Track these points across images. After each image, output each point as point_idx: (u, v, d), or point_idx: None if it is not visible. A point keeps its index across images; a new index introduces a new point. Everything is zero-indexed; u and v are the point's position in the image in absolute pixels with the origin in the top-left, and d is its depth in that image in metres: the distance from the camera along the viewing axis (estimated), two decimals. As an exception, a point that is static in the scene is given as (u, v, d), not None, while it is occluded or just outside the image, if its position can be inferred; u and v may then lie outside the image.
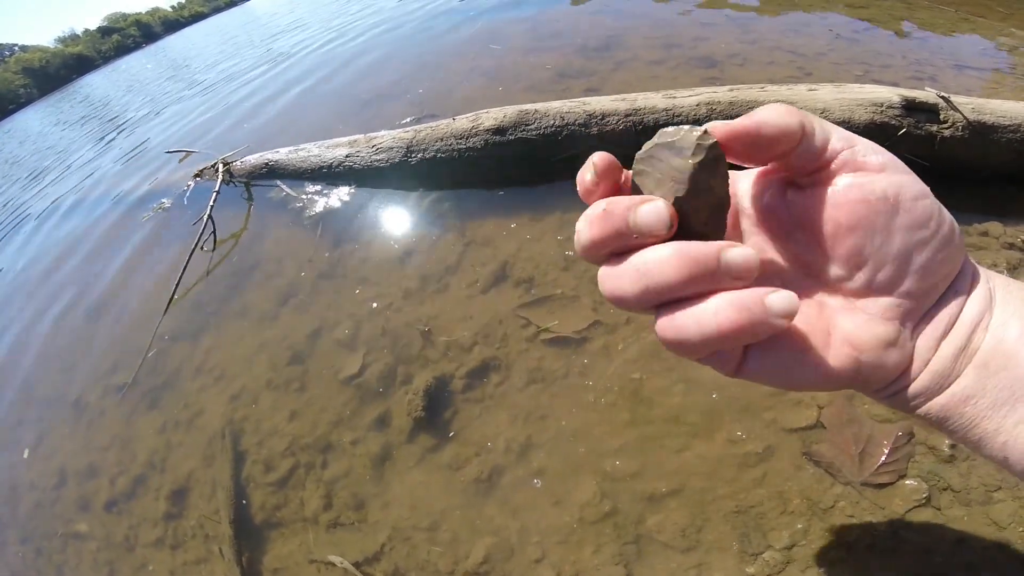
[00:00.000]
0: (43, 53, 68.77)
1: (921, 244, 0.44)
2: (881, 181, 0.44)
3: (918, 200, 0.44)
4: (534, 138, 2.11)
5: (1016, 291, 0.47)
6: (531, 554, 1.21)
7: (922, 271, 0.45)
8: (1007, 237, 1.51)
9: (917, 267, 0.45)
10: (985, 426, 0.44)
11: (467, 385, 1.57)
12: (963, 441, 0.46)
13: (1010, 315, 0.45)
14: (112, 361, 2.27)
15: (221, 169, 3.10)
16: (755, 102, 1.83)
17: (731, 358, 0.46)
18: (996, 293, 0.47)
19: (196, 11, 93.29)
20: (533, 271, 1.80)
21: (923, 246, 0.44)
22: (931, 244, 0.44)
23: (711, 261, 0.39)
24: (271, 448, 1.65)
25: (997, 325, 0.45)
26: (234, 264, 2.50)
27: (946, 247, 0.45)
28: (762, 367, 0.46)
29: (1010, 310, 0.45)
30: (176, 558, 1.54)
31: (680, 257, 0.40)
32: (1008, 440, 0.43)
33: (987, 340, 0.44)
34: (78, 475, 1.89)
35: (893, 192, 0.44)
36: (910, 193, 0.44)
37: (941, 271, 0.45)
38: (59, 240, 3.85)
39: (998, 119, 1.65)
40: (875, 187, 0.44)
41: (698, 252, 0.40)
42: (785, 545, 1.07)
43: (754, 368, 0.47)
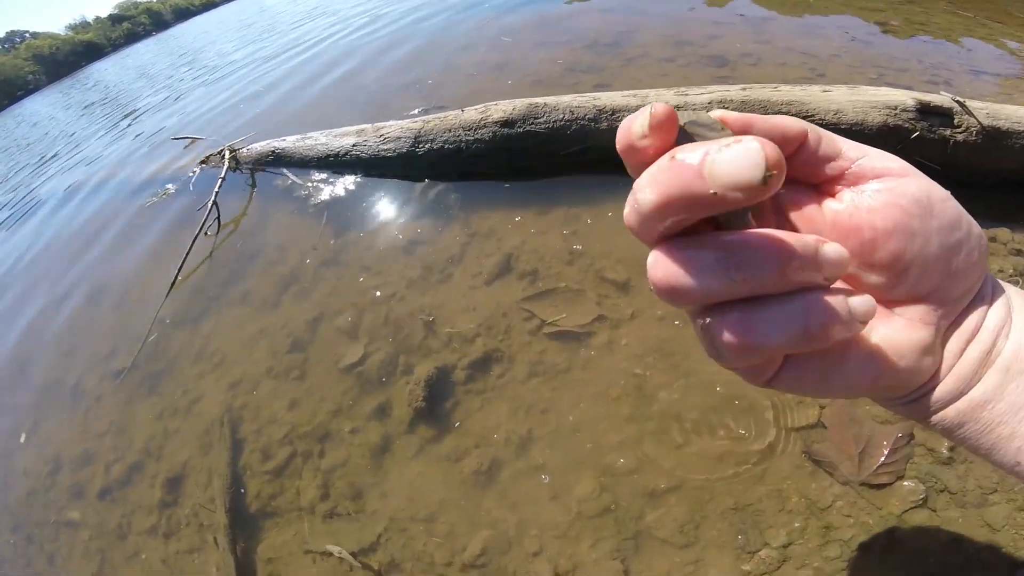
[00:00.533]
0: (53, 40, 69.00)
1: (957, 246, 0.43)
2: (910, 184, 0.42)
3: (947, 201, 0.42)
4: (543, 131, 2.10)
5: (1013, 293, 0.47)
6: (529, 547, 1.20)
7: (959, 274, 0.44)
8: (1015, 243, 1.50)
9: (954, 270, 0.43)
10: (1000, 431, 0.43)
11: (469, 376, 1.56)
12: (975, 447, 0.46)
13: (1018, 308, 0.45)
14: (111, 345, 2.27)
15: (227, 156, 3.09)
16: (768, 101, 1.81)
17: (772, 366, 0.44)
18: (1013, 301, 0.46)
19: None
20: (537, 264, 1.79)
21: (959, 248, 0.43)
22: (965, 246, 0.43)
23: (811, 252, 0.35)
24: (269, 436, 1.64)
25: (1018, 330, 0.44)
26: (237, 250, 2.50)
27: (978, 249, 0.43)
28: (800, 376, 0.45)
29: (1004, 303, 0.45)
30: (169, 547, 1.53)
31: (779, 244, 0.35)
32: (1023, 445, 0.42)
33: (1008, 346, 0.44)
34: (73, 462, 1.89)
35: (924, 194, 0.42)
36: (939, 195, 0.42)
37: (974, 274, 0.44)
38: (63, 224, 3.86)
39: (1013, 125, 1.64)
40: (906, 190, 0.42)
41: (799, 241, 0.35)
42: (782, 543, 1.06)
43: (791, 376, 0.45)
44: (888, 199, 0.42)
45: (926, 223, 0.42)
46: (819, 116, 1.76)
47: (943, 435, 0.47)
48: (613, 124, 2.00)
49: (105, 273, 2.84)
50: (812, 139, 0.43)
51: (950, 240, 0.42)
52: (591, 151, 2.08)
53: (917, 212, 0.42)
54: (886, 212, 0.42)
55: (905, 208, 0.42)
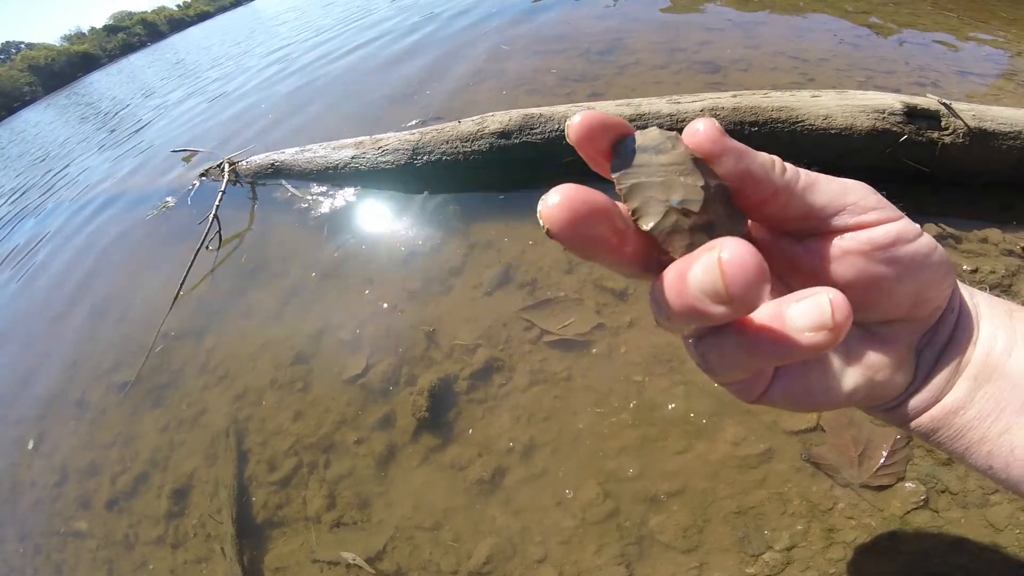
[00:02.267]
0: (49, 51, 68.85)
1: (927, 282, 0.45)
2: (880, 231, 0.43)
3: (916, 239, 0.44)
4: (539, 142, 2.12)
5: (998, 305, 0.49)
6: (534, 554, 1.22)
7: (929, 301, 0.46)
8: (1006, 244, 1.51)
9: (925, 298, 0.46)
10: (971, 436, 0.46)
11: (471, 386, 1.57)
12: (950, 451, 0.49)
13: (996, 327, 0.47)
14: (115, 359, 2.28)
15: (227, 169, 3.11)
16: (758, 108, 1.83)
17: (762, 382, 0.47)
18: (980, 308, 0.48)
19: (202, 10, 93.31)
20: (537, 274, 1.81)
21: (928, 283, 0.45)
22: (935, 276, 0.45)
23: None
24: (274, 447, 1.66)
25: (984, 339, 0.47)
26: (239, 263, 2.51)
27: (946, 274, 0.45)
28: (786, 392, 0.48)
29: (996, 322, 0.47)
30: (177, 557, 1.55)
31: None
32: (992, 449, 0.45)
33: (976, 354, 0.46)
34: (79, 473, 1.90)
35: (892, 239, 0.43)
36: (909, 234, 0.44)
37: (943, 296, 0.46)
38: (63, 238, 3.86)
39: (999, 126, 1.66)
40: (878, 240, 0.43)
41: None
42: (785, 546, 1.08)
43: (779, 393, 0.48)
44: (861, 247, 0.43)
45: (897, 268, 0.44)
46: (809, 121, 1.78)
47: (921, 440, 0.50)
48: (608, 133, 2.02)
49: (107, 287, 2.86)
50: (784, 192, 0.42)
51: (920, 278, 0.44)
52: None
53: (888, 257, 0.43)
54: (854, 261, 0.44)
55: (876, 256, 0.43)
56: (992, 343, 0.46)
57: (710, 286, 0.31)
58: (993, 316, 0.48)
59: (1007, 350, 0.45)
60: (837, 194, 0.43)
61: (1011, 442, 0.44)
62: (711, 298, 0.32)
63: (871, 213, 0.43)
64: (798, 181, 0.42)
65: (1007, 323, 0.47)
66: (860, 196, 0.43)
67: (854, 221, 0.43)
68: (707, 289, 0.32)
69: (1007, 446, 0.44)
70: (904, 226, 0.43)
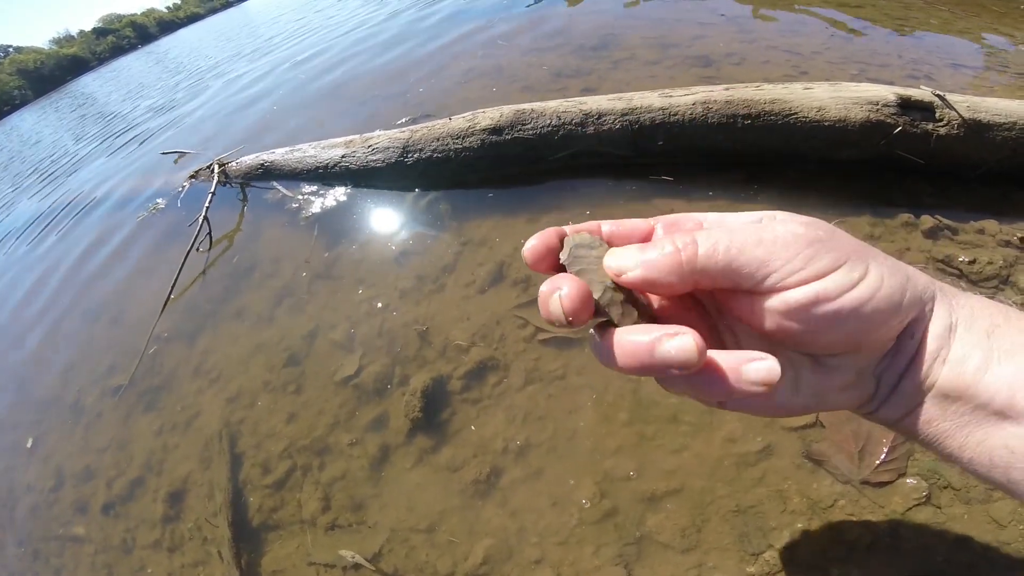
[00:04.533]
0: (38, 54, 68.68)
1: (859, 328, 0.48)
2: (797, 294, 0.47)
3: (842, 295, 0.47)
4: (531, 138, 2.11)
5: (979, 321, 0.50)
6: (530, 555, 1.21)
7: (871, 341, 0.50)
8: (1003, 235, 1.51)
9: (863, 341, 0.50)
10: (950, 444, 0.49)
11: (465, 386, 1.56)
12: (936, 453, 0.52)
13: (971, 347, 0.48)
14: (109, 362, 2.27)
15: (217, 170, 3.09)
16: (751, 101, 1.83)
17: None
18: (958, 326, 0.49)
19: (192, 12, 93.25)
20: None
21: (861, 328, 0.48)
22: (869, 324, 0.48)
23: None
24: (268, 450, 1.65)
25: (956, 359, 0.48)
26: (230, 265, 2.50)
27: (887, 318, 0.48)
28: (742, 404, 0.54)
29: (972, 341, 0.48)
30: (174, 560, 1.54)
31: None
32: (973, 457, 0.48)
33: (945, 372, 0.48)
34: (75, 477, 1.89)
35: (809, 300, 0.47)
36: (831, 293, 0.47)
37: (887, 335, 0.50)
38: (53, 241, 3.85)
39: (993, 117, 1.65)
40: (793, 299, 0.48)
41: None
42: (785, 544, 1.07)
43: (734, 405, 0.54)
44: (776, 311, 0.49)
45: (813, 326, 0.49)
46: (803, 113, 1.77)
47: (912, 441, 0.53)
48: (600, 128, 2.01)
49: (98, 290, 2.84)
50: (704, 275, 0.49)
51: (845, 328, 0.49)
52: (579, 156, 2.09)
53: (802, 321, 0.49)
54: (776, 321, 0.49)
55: (792, 318, 0.49)
56: (963, 365, 0.47)
57: (677, 361, 0.45)
58: (970, 334, 0.49)
59: (981, 368, 0.46)
60: (761, 262, 0.47)
61: (990, 451, 0.46)
62: (676, 368, 0.45)
63: (793, 276, 0.47)
64: (716, 261, 0.48)
65: (984, 342, 0.48)
66: (784, 260, 0.47)
67: (777, 284, 0.47)
68: (674, 363, 0.45)
69: (986, 454, 0.47)
70: (826, 285, 0.47)
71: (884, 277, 0.48)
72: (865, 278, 0.47)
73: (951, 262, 1.45)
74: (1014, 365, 0.45)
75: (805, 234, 0.48)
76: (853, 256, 0.48)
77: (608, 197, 1.98)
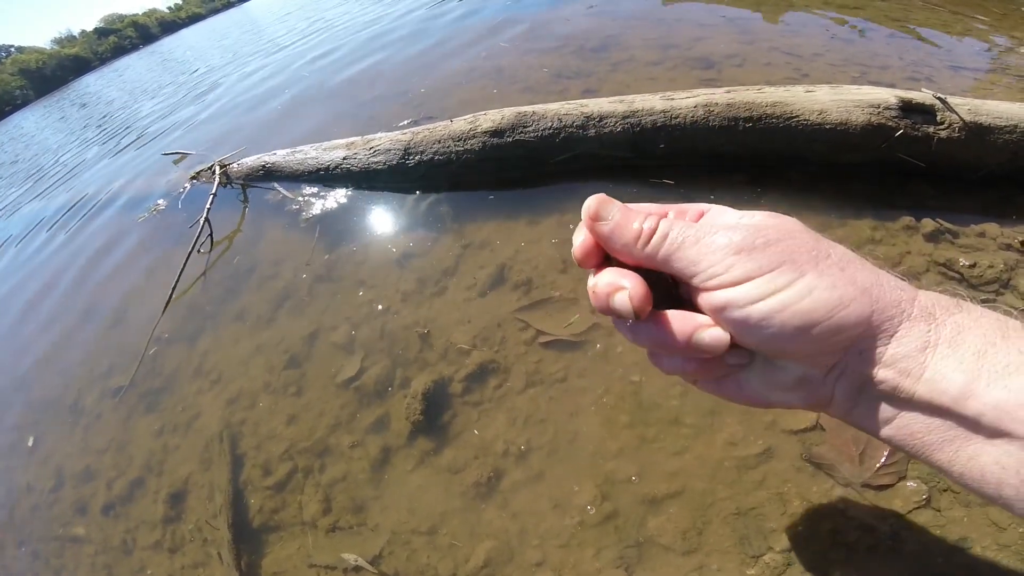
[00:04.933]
0: (40, 55, 68.68)
1: (773, 338, 0.53)
2: (715, 296, 0.54)
3: (750, 305, 0.52)
4: (532, 140, 2.11)
5: (971, 338, 0.50)
6: (532, 558, 1.21)
7: (796, 352, 0.54)
8: (1004, 238, 1.51)
9: (785, 350, 0.55)
10: (939, 456, 0.50)
11: (466, 388, 1.56)
12: (925, 464, 0.53)
13: (953, 367, 0.48)
14: (109, 364, 2.27)
15: (218, 171, 3.09)
16: (753, 103, 1.83)
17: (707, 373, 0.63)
18: (940, 344, 0.49)
19: (193, 12, 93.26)
20: (531, 273, 1.80)
21: (775, 338, 0.53)
22: (780, 337, 0.53)
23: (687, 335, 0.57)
24: (269, 451, 1.65)
25: (932, 378, 0.49)
26: (231, 266, 2.50)
27: (797, 334, 0.52)
28: (710, 386, 0.65)
29: (955, 361, 0.48)
30: (175, 562, 1.54)
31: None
32: (964, 471, 0.49)
33: (921, 390, 0.49)
34: (75, 478, 1.89)
35: (720, 304, 0.54)
36: (740, 301, 0.53)
37: (815, 351, 0.53)
38: (55, 242, 3.85)
39: (994, 120, 1.65)
40: (710, 300, 0.55)
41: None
42: (786, 547, 1.07)
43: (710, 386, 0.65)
44: (704, 306, 0.56)
45: (731, 327, 0.55)
46: (804, 116, 1.77)
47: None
48: (601, 131, 2.01)
49: (99, 291, 2.84)
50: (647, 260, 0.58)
51: (759, 336, 0.54)
52: (580, 158, 2.09)
53: (722, 321, 0.56)
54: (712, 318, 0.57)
55: (715, 316, 0.56)
56: (942, 384, 0.48)
57: (620, 311, 0.57)
58: (954, 353, 0.49)
59: (966, 390, 0.46)
60: (690, 262, 0.55)
61: (981, 467, 0.47)
62: (622, 318, 0.58)
63: (713, 280, 0.54)
64: (658, 253, 0.57)
65: (972, 363, 0.47)
66: (709, 263, 0.54)
67: (701, 284, 0.55)
68: (618, 313, 0.57)
69: (977, 470, 0.48)
70: (737, 293, 0.53)
71: (815, 290, 0.50)
72: (784, 289, 0.51)
73: (952, 266, 1.45)
74: (1003, 387, 0.45)
75: (740, 241, 0.53)
76: (787, 265, 0.51)
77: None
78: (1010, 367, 0.46)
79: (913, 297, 0.51)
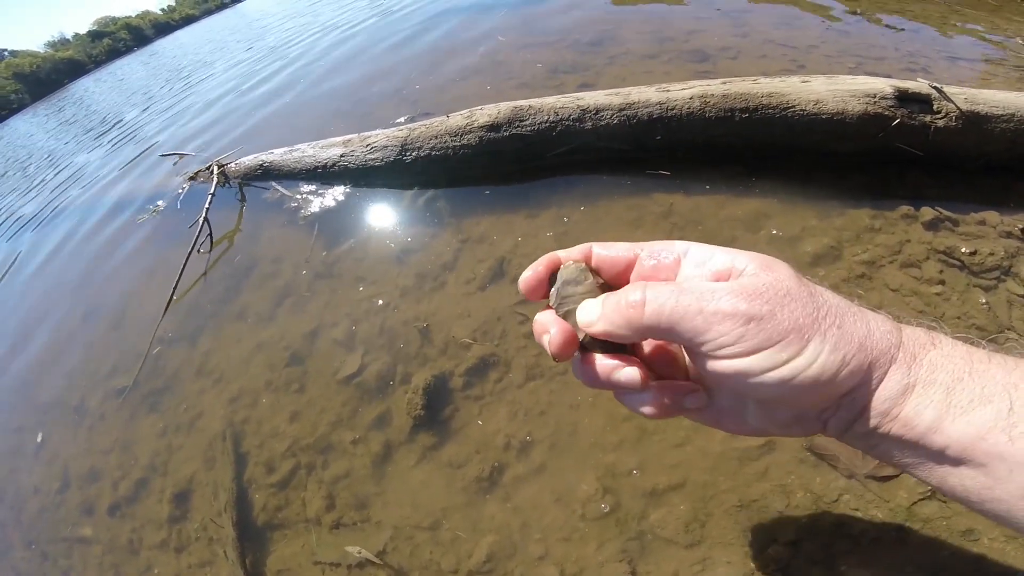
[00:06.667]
0: (34, 58, 68.41)
1: (778, 399, 0.58)
2: (721, 365, 0.56)
3: (762, 375, 0.54)
4: (529, 134, 2.11)
5: (942, 375, 0.53)
6: (534, 551, 1.21)
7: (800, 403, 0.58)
8: (1004, 226, 1.51)
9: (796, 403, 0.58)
10: (917, 472, 0.55)
11: (466, 383, 1.57)
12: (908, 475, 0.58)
13: (925, 405, 0.52)
14: (112, 365, 2.27)
15: (216, 171, 3.09)
16: (748, 94, 1.83)
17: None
18: (916, 385, 0.53)
19: (187, 13, 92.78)
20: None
21: (780, 400, 0.58)
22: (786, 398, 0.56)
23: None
24: (272, 449, 1.65)
25: (907, 416, 0.52)
26: (231, 265, 2.50)
27: (819, 387, 0.54)
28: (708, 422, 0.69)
29: (927, 400, 0.52)
30: (181, 561, 1.54)
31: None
32: (939, 486, 0.53)
33: (895, 429, 0.53)
34: (81, 479, 1.90)
35: (732, 372, 0.56)
36: (754, 371, 0.55)
37: (819, 399, 0.56)
38: (55, 245, 3.84)
39: (991, 109, 1.65)
40: (716, 368, 0.57)
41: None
42: (790, 539, 1.07)
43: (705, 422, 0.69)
44: (711, 373, 0.58)
45: (737, 391, 0.61)
46: (800, 107, 1.77)
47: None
48: (597, 124, 2.01)
49: (101, 293, 2.84)
50: (651, 332, 0.59)
51: (763, 398, 0.59)
52: (578, 151, 2.09)
53: (727, 390, 0.64)
54: (714, 380, 0.62)
55: (723, 386, 0.64)
56: (915, 421, 0.52)
57: (626, 384, 0.62)
58: (927, 392, 0.52)
59: (933, 426, 0.51)
60: (697, 331, 0.55)
61: (951, 487, 0.52)
62: (626, 388, 0.63)
63: (723, 350, 0.55)
64: (659, 324, 0.57)
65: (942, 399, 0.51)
66: (718, 334, 0.55)
67: (709, 352, 0.56)
68: (624, 385, 0.62)
69: (947, 488, 0.53)
70: (750, 364, 0.55)
71: (821, 355, 0.53)
72: (794, 359, 0.53)
73: (952, 253, 1.46)
74: (966, 422, 0.49)
75: (746, 311, 0.54)
76: (792, 335, 0.53)
77: (606, 192, 1.98)
78: (973, 402, 0.49)
79: (899, 342, 0.55)
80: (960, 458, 0.50)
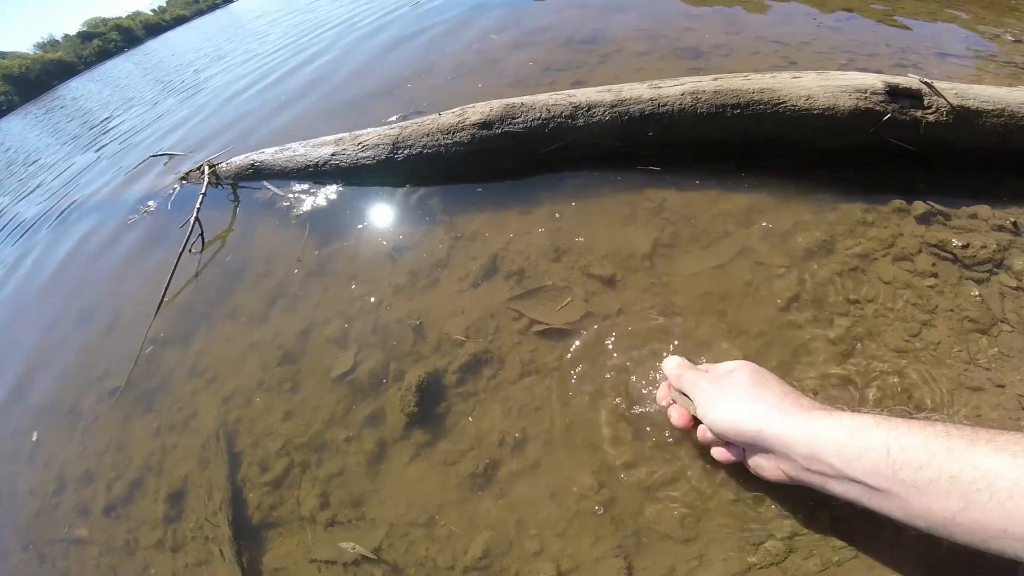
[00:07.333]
0: (23, 60, 68.11)
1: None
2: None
3: (768, 467, 1.02)
4: (521, 131, 2.11)
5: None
6: (530, 547, 1.21)
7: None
8: (996, 219, 1.52)
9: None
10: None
11: (460, 379, 1.57)
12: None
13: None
14: (104, 366, 2.26)
15: (207, 171, 3.08)
16: (740, 90, 1.83)
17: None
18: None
19: (178, 14, 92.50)
20: (523, 263, 1.80)
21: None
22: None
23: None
24: (266, 448, 1.65)
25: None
26: (223, 265, 2.49)
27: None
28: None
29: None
30: (177, 560, 1.54)
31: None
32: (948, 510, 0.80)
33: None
34: (75, 481, 1.89)
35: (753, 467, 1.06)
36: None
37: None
38: (46, 246, 3.83)
39: (981, 104, 1.66)
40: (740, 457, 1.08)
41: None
42: (787, 534, 1.07)
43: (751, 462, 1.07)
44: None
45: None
46: (791, 102, 1.78)
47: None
48: (589, 120, 2.01)
49: (92, 294, 2.83)
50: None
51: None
52: (570, 148, 2.09)
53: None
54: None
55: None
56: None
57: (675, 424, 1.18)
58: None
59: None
60: (722, 431, 1.04)
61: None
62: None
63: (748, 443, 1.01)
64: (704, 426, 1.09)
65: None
66: (738, 432, 1.00)
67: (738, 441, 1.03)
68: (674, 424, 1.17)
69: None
70: (759, 462, 1.02)
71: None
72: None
73: (945, 246, 1.46)
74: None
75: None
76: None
77: (598, 188, 1.98)
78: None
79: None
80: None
